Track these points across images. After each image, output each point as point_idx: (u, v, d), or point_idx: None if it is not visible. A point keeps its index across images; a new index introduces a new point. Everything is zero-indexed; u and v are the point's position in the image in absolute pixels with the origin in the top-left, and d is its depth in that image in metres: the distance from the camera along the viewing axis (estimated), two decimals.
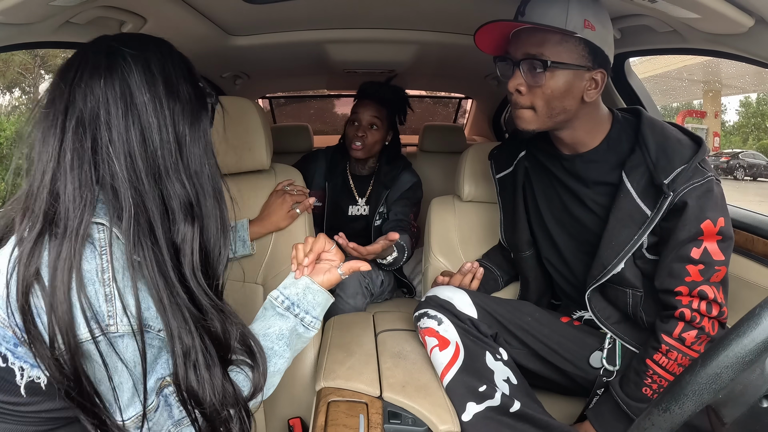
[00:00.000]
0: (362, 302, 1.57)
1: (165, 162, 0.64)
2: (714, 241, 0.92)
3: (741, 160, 16.96)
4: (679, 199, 0.92)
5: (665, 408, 0.55)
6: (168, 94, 0.65)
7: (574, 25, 0.89)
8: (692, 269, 0.93)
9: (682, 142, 0.96)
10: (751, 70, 16.41)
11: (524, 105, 0.97)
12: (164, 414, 0.66)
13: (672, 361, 0.94)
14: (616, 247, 0.99)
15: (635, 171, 0.97)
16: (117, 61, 0.63)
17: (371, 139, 1.70)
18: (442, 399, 0.95)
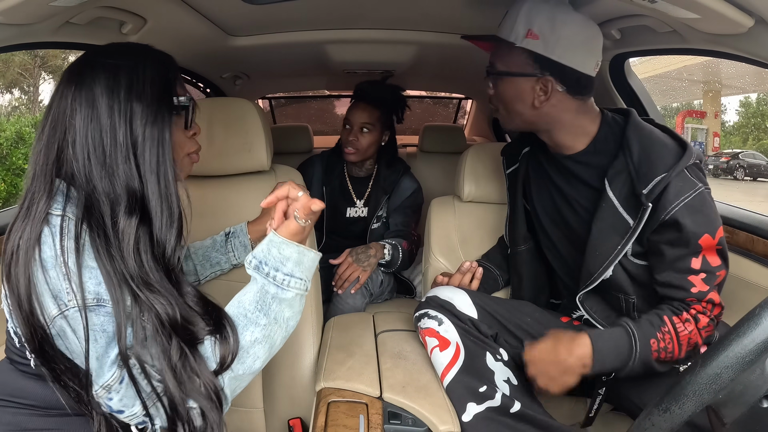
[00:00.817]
0: (361, 302, 1.57)
1: (117, 161, 0.70)
2: (714, 252, 0.91)
3: (741, 160, 16.97)
4: (670, 217, 0.89)
5: (665, 408, 0.56)
6: (128, 98, 0.71)
7: (516, 36, 0.95)
8: (695, 279, 0.91)
9: (666, 147, 0.94)
10: (751, 70, 16.42)
11: (494, 108, 1.07)
12: (132, 388, 0.68)
13: (686, 332, 0.90)
14: (601, 256, 0.98)
15: (617, 178, 0.96)
16: (88, 71, 0.71)
17: (364, 142, 1.69)
18: (442, 399, 0.95)
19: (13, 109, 16.24)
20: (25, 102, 16.63)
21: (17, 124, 7.19)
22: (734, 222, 1.20)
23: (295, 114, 3.42)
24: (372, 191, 1.80)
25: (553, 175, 1.09)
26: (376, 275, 1.65)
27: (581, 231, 1.04)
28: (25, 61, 15.37)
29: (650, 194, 0.90)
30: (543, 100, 0.98)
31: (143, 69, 0.73)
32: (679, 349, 0.91)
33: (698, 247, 0.90)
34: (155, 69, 0.74)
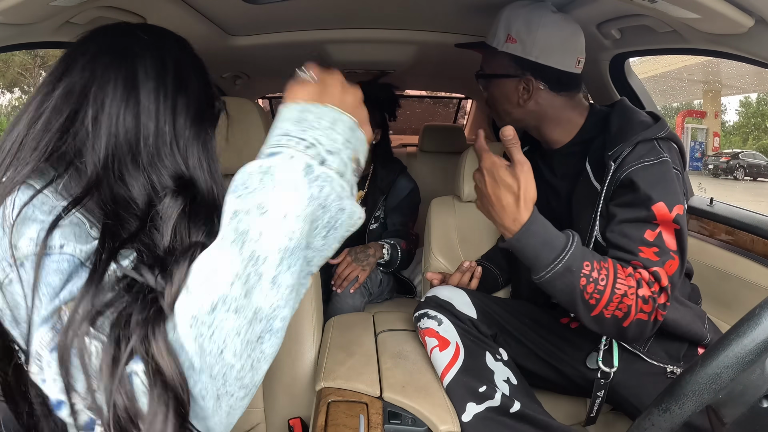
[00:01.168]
0: (360, 301, 1.58)
1: (156, 150, 0.60)
2: (671, 231, 0.85)
3: (741, 160, 16.96)
4: (625, 175, 0.88)
5: (665, 408, 0.56)
6: (176, 87, 0.62)
7: (498, 41, 1.04)
8: (645, 249, 0.84)
9: (643, 123, 0.95)
10: (751, 70, 16.41)
11: (489, 109, 1.13)
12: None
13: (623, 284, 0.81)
14: (581, 232, 0.92)
15: (595, 154, 1.00)
16: (130, 44, 0.61)
17: None
18: (443, 399, 0.95)
19: (13, 109, 16.24)
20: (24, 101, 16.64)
21: None
22: (734, 222, 1.21)
23: None
24: (369, 192, 1.80)
25: (545, 172, 1.12)
26: (375, 275, 1.65)
27: (567, 221, 1.04)
28: (25, 61, 15.38)
29: (614, 154, 0.92)
30: (526, 98, 1.04)
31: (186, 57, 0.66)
32: (608, 298, 0.80)
33: (652, 215, 0.85)
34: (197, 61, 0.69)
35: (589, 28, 1.22)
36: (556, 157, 1.10)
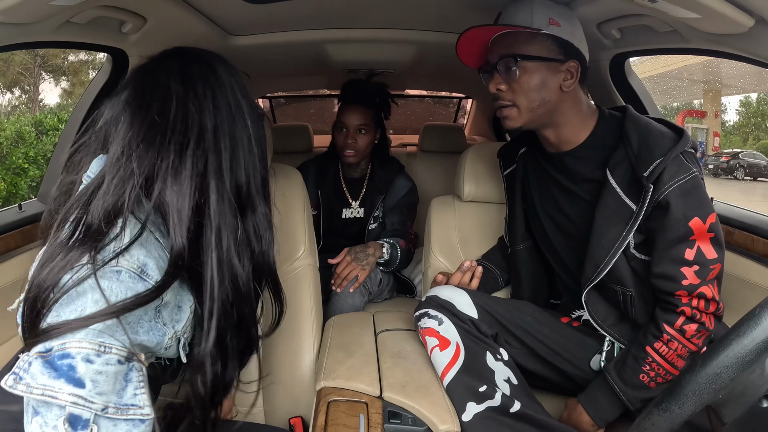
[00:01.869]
0: (360, 301, 1.58)
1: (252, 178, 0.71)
2: (707, 240, 0.91)
3: (741, 160, 16.95)
4: (663, 197, 0.91)
5: (665, 408, 0.55)
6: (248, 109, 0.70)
7: (540, 24, 0.97)
8: (688, 271, 0.92)
9: (664, 135, 0.96)
10: (751, 70, 16.41)
11: (506, 103, 1.02)
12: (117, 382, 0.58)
13: (672, 351, 0.94)
14: (606, 245, 0.98)
15: (619, 167, 0.98)
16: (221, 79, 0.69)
17: (362, 143, 1.70)
18: (442, 399, 0.95)
19: (14, 109, 16.23)
20: (24, 101, 16.62)
21: (17, 124, 7.19)
22: (734, 222, 1.20)
23: (295, 113, 3.42)
24: (367, 191, 1.80)
25: (554, 173, 1.10)
26: (374, 274, 1.65)
27: (583, 226, 1.03)
28: (26, 60, 15.36)
29: (651, 176, 0.91)
30: (570, 84, 1.00)
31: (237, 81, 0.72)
32: (674, 366, 0.95)
33: (689, 231, 0.90)
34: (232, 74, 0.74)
35: (589, 28, 1.22)
36: (567, 159, 1.06)
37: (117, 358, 0.57)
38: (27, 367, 0.54)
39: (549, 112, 1.02)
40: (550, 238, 1.14)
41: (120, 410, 0.58)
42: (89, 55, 15.23)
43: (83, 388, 0.54)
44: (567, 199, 1.09)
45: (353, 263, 1.57)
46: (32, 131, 7.02)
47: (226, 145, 0.67)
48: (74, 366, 0.54)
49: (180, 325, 0.68)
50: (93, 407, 0.55)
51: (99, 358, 0.55)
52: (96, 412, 0.55)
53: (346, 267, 1.57)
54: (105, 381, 0.56)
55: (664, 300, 0.96)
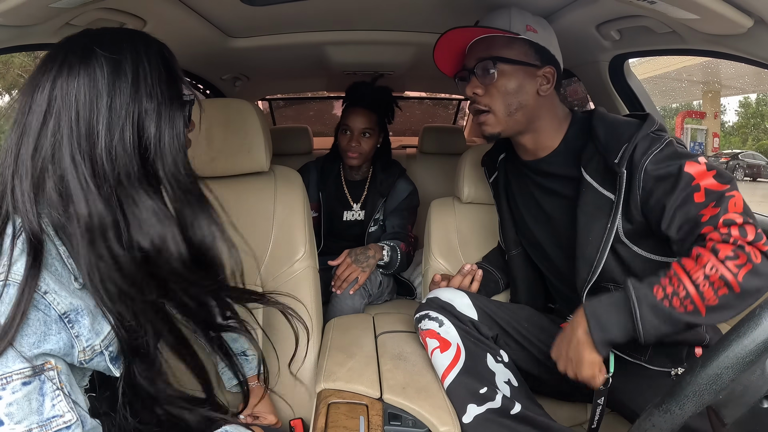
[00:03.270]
0: (360, 303, 1.57)
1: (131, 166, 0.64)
2: (710, 177, 0.83)
3: (740, 160, 16.95)
4: (644, 175, 0.87)
5: (666, 409, 0.55)
6: (137, 97, 0.64)
7: (518, 29, 0.99)
8: (705, 211, 0.82)
9: (629, 123, 0.95)
10: (750, 70, 16.41)
11: (483, 108, 1.02)
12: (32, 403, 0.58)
13: (700, 269, 0.78)
14: (594, 241, 0.96)
15: (591, 162, 0.97)
16: (89, 60, 0.62)
17: (366, 146, 1.70)
18: (443, 401, 0.94)
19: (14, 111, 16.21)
20: None
21: None
22: None
23: (295, 115, 3.42)
24: (368, 194, 1.80)
25: (533, 177, 1.11)
26: (374, 276, 1.65)
27: (569, 225, 1.02)
28: (25, 62, 15.37)
29: (621, 161, 0.90)
30: (547, 89, 1.02)
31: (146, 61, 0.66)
32: (699, 291, 0.78)
33: (689, 177, 0.84)
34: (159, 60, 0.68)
35: (588, 29, 1.22)
36: (543, 165, 1.07)
37: (21, 381, 0.57)
38: None
39: (527, 118, 1.03)
40: (540, 242, 1.14)
41: (44, 427, 0.58)
42: None
43: (2, 426, 0.55)
44: (549, 199, 1.09)
45: (353, 265, 1.57)
46: None
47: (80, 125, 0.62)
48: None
49: (99, 337, 0.66)
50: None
51: (4, 391, 0.56)
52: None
53: (347, 269, 1.57)
54: (19, 408, 0.56)
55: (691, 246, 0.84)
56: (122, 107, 0.63)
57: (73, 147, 0.61)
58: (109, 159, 0.62)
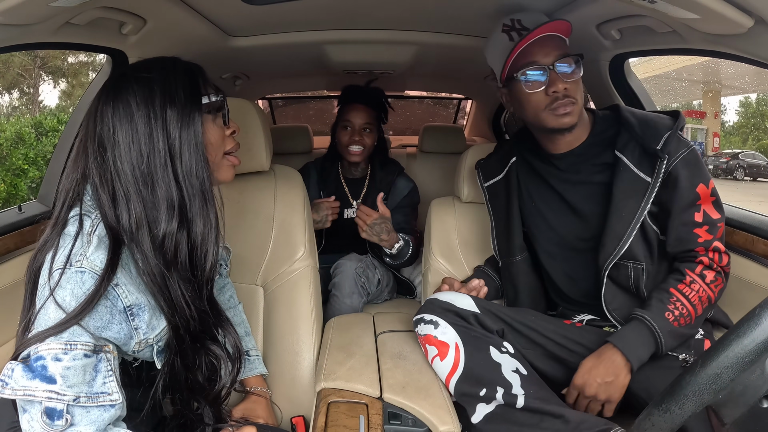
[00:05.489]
0: (359, 301, 1.57)
1: (155, 168, 0.72)
2: (710, 203, 1.01)
3: (741, 160, 16.96)
4: (673, 168, 1.00)
5: (665, 408, 0.55)
6: (162, 103, 0.73)
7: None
8: (700, 231, 1.01)
9: (661, 117, 1.06)
10: (750, 70, 16.41)
11: (573, 100, 1.04)
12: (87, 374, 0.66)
13: (694, 292, 0.99)
14: (627, 216, 1.02)
15: (627, 147, 1.05)
16: (123, 85, 0.73)
17: (368, 141, 1.73)
18: (443, 400, 0.95)
19: (14, 110, 16.23)
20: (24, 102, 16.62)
21: (17, 125, 7.19)
22: (734, 222, 1.20)
23: (295, 114, 3.42)
24: (368, 192, 1.82)
25: (557, 172, 1.13)
26: (372, 275, 1.65)
27: (599, 209, 1.07)
28: (25, 62, 15.36)
29: (664, 147, 1.00)
30: None
31: (174, 76, 0.75)
32: (695, 309, 0.99)
33: (697, 196, 1.01)
34: (184, 75, 0.77)
35: (588, 29, 1.22)
36: (571, 158, 1.11)
37: (83, 352, 0.65)
38: (10, 374, 0.64)
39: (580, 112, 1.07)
40: (562, 237, 1.15)
41: (91, 398, 0.66)
42: (89, 56, 15.24)
43: (55, 384, 0.63)
44: (577, 189, 1.11)
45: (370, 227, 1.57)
46: (32, 132, 7.03)
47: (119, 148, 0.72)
48: (46, 366, 0.63)
49: (154, 333, 0.75)
50: (65, 399, 0.63)
51: (66, 355, 0.64)
52: (68, 402, 0.64)
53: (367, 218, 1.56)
54: (74, 374, 0.64)
55: (684, 257, 1.03)
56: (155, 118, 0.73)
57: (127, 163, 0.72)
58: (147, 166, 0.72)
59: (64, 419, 0.63)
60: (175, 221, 0.73)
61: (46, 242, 0.70)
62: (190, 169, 0.74)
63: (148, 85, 0.73)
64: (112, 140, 0.71)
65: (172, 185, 0.73)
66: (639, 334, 0.97)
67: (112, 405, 0.68)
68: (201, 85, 0.79)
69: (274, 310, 1.19)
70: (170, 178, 0.73)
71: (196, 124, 0.75)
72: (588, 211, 1.10)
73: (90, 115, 0.74)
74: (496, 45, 1.12)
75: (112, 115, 0.72)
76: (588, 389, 0.96)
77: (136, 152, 0.71)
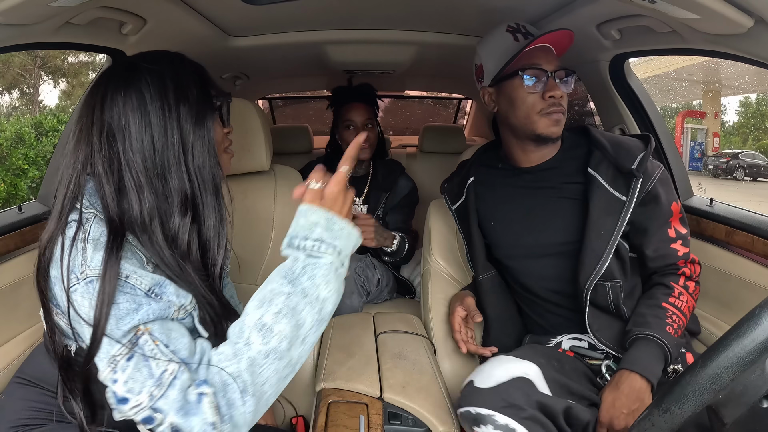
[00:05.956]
0: (358, 301, 1.58)
1: (168, 161, 0.73)
2: (678, 219, 1.06)
3: (741, 160, 16.95)
4: (653, 187, 1.03)
5: (665, 408, 0.55)
6: (177, 99, 0.73)
7: None
8: (676, 246, 1.06)
9: (632, 139, 1.10)
10: (750, 70, 16.40)
11: (564, 111, 1.06)
12: (143, 370, 0.65)
13: (684, 303, 1.02)
14: (605, 235, 1.02)
15: (600, 166, 1.06)
16: (134, 75, 0.72)
17: (373, 137, 1.76)
18: (443, 400, 0.95)
19: (14, 110, 16.22)
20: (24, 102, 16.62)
21: (17, 125, 7.19)
22: (734, 222, 1.20)
23: (295, 114, 3.42)
24: (370, 189, 1.83)
25: (531, 184, 1.13)
26: (371, 274, 1.66)
27: (572, 225, 1.07)
28: (25, 61, 15.36)
29: (639, 167, 1.02)
30: None
31: (184, 72, 0.76)
32: (686, 318, 1.02)
33: (670, 213, 1.05)
34: (193, 72, 0.78)
35: (588, 29, 1.22)
36: (544, 171, 1.12)
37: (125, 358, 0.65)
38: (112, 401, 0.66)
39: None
40: (532, 251, 1.12)
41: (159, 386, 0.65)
42: (89, 56, 15.24)
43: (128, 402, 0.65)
44: (553, 202, 1.10)
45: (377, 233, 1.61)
46: (32, 132, 7.03)
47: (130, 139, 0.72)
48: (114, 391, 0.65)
49: (188, 299, 0.73)
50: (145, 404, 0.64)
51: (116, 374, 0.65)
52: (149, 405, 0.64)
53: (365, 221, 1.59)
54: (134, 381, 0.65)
55: (666, 271, 1.06)
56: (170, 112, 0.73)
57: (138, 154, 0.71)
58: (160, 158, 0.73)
59: (157, 419, 0.64)
60: (189, 215, 0.74)
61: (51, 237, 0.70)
62: (203, 163, 0.75)
63: (160, 77, 0.73)
64: (123, 130, 0.71)
65: (184, 178, 0.74)
66: (650, 352, 0.96)
67: (175, 376, 0.65)
68: (210, 84, 0.80)
69: None
70: (183, 172, 0.73)
71: (208, 122, 0.77)
72: (560, 221, 1.09)
73: (94, 102, 0.72)
74: (498, 42, 1.10)
75: (124, 104, 0.71)
76: (617, 422, 0.93)
77: (149, 143, 0.71)
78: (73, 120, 1.44)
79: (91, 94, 0.74)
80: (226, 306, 0.82)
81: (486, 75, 1.13)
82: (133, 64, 0.74)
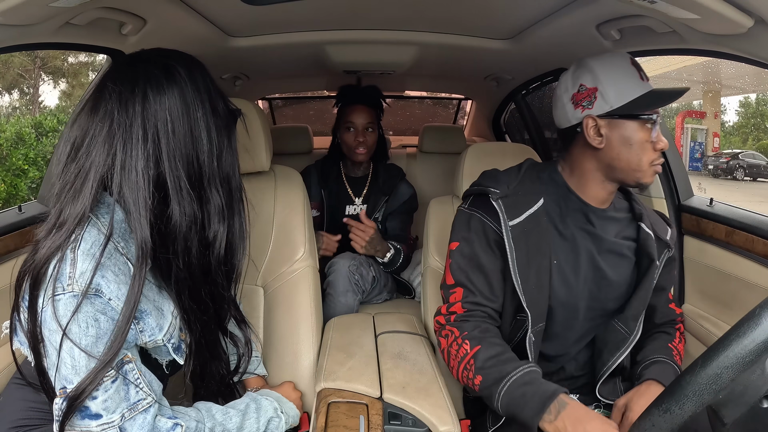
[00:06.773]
0: (353, 299, 1.57)
1: (208, 169, 0.75)
2: None
3: (741, 160, 16.96)
4: (672, 255, 1.07)
5: (666, 408, 0.55)
6: (212, 110, 0.77)
7: None
8: (674, 306, 1.14)
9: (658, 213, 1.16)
10: (750, 70, 16.40)
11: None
12: (120, 392, 0.69)
13: (680, 351, 1.08)
14: (644, 296, 1.03)
15: (645, 222, 1.05)
16: (175, 78, 0.73)
17: (371, 140, 1.77)
18: (443, 400, 0.94)
19: (13, 110, 16.22)
20: (24, 103, 16.62)
21: (17, 125, 7.19)
22: (734, 222, 1.20)
23: (295, 115, 3.42)
24: (371, 191, 1.84)
25: (591, 230, 1.01)
26: (366, 271, 1.66)
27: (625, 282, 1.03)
28: (25, 62, 15.37)
29: (671, 240, 1.06)
30: None
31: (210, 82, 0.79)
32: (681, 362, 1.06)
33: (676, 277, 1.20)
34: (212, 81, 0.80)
35: (588, 29, 1.22)
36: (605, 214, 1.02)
37: (110, 380, 0.68)
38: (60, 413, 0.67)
39: None
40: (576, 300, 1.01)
41: (132, 410, 0.70)
42: (89, 56, 15.25)
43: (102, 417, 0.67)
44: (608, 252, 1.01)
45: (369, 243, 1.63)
46: (32, 133, 7.03)
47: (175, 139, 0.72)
48: (87, 407, 0.67)
49: (162, 333, 0.75)
50: (115, 423, 0.68)
51: (98, 392, 0.67)
52: (118, 425, 0.68)
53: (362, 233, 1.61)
54: (112, 401, 0.68)
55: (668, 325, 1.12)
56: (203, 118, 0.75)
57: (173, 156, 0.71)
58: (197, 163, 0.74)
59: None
60: (225, 221, 0.77)
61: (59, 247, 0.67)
62: (232, 169, 0.80)
63: (195, 85, 0.75)
64: (168, 131, 0.71)
65: (219, 185, 0.77)
66: (669, 371, 1.00)
67: (150, 405, 0.72)
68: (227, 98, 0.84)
69: (274, 310, 1.19)
70: (216, 180, 0.76)
71: (233, 130, 0.82)
72: (615, 280, 1.01)
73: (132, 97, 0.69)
74: (625, 73, 0.95)
75: (169, 107, 0.71)
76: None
77: (189, 147, 0.73)
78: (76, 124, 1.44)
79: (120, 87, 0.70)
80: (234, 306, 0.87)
81: (600, 103, 0.94)
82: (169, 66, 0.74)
